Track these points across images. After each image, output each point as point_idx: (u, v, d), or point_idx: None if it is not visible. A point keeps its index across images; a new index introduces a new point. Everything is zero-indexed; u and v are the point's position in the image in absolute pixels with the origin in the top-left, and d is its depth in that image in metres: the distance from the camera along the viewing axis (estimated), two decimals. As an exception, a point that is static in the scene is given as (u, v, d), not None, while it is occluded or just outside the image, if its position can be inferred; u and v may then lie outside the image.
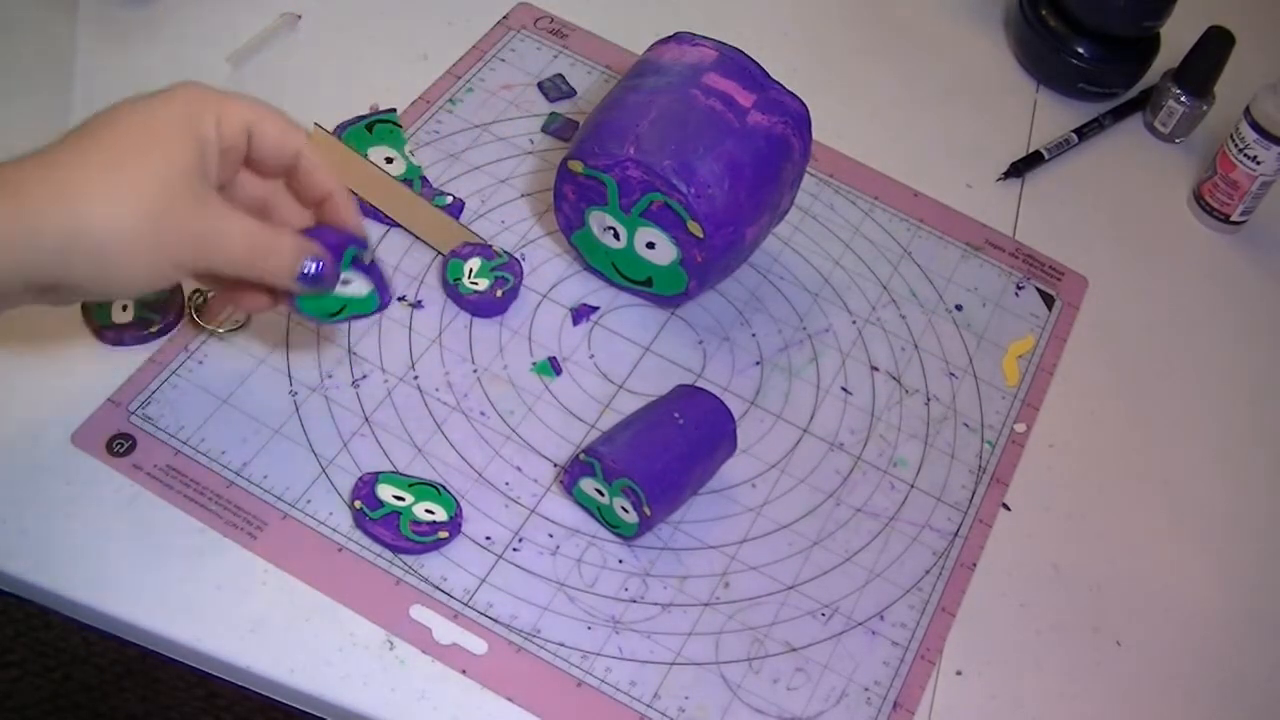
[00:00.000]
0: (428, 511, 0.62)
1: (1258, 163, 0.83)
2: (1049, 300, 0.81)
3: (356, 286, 0.61)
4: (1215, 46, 0.87)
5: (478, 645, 0.60)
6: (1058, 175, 0.88)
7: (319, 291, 0.58)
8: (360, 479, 0.63)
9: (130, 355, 0.65)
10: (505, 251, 0.72)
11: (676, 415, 0.65)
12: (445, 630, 0.60)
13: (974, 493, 0.71)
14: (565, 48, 0.85)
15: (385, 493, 0.62)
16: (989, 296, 0.79)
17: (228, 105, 0.55)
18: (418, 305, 0.70)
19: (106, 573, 0.58)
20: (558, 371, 0.70)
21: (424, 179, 0.76)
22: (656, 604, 0.63)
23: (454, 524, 0.62)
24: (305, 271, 0.56)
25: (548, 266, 0.74)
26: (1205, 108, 0.90)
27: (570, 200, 0.71)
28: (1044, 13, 0.91)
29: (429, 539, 0.61)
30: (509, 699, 0.59)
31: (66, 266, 0.50)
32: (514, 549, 0.63)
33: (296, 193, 0.60)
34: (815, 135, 0.72)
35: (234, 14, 0.81)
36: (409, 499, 0.62)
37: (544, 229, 0.76)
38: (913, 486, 0.70)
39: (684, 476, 0.64)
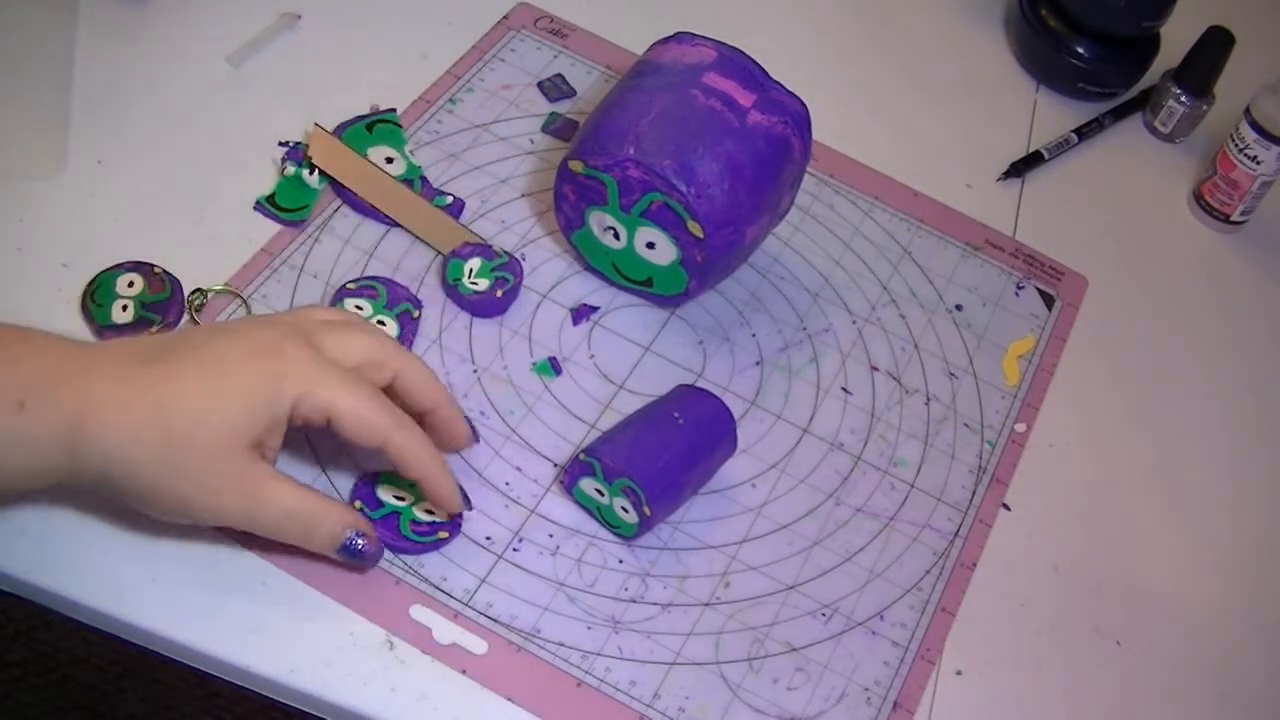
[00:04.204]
0: (427, 511, 0.62)
1: (1258, 163, 0.83)
2: (1049, 300, 0.81)
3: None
4: (1215, 46, 0.87)
5: (478, 645, 0.60)
6: (1058, 175, 0.88)
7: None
8: (360, 479, 0.63)
9: (130, 355, 0.65)
10: (505, 251, 0.72)
11: (676, 415, 0.64)
12: (445, 630, 0.60)
13: (974, 493, 0.71)
14: (565, 48, 0.85)
15: (385, 493, 0.62)
16: (989, 296, 0.79)
17: (312, 390, 0.54)
18: (418, 305, 0.70)
19: (106, 573, 0.58)
20: (558, 371, 0.70)
21: (424, 179, 0.76)
22: (656, 604, 0.63)
23: (454, 524, 0.62)
24: (347, 546, 0.57)
25: (548, 266, 0.74)
26: (1205, 107, 0.90)
27: (570, 200, 0.71)
28: (1044, 12, 0.91)
29: (429, 539, 0.61)
30: (509, 699, 0.59)
31: (105, 488, 0.53)
32: (514, 549, 0.63)
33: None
34: (815, 135, 0.72)
35: (234, 14, 0.81)
36: (409, 499, 0.62)
37: (544, 229, 0.76)
38: (913, 486, 0.70)
39: (684, 476, 0.64)
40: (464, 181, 0.77)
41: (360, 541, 0.57)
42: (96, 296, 0.66)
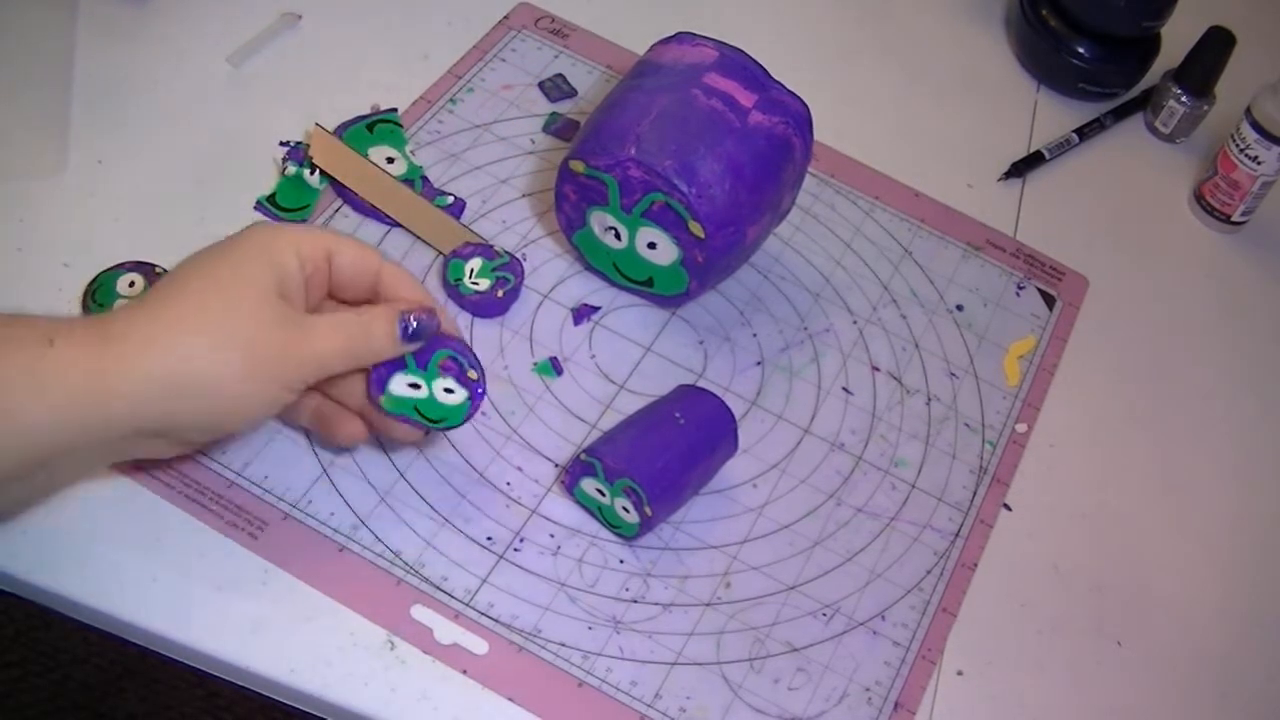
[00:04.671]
0: (447, 391, 0.60)
1: (1258, 163, 0.83)
2: (1050, 300, 0.81)
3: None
4: (1216, 46, 0.87)
5: (479, 645, 0.60)
6: (1058, 175, 0.88)
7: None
8: (373, 375, 0.60)
9: (131, 355, 0.65)
10: (506, 251, 0.72)
11: (677, 415, 0.64)
12: (446, 630, 0.60)
13: (975, 493, 0.71)
14: (566, 48, 0.85)
15: (400, 386, 0.60)
16: (990, 296, 0.79)
17: (303, 235, 0.57)
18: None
19: (106, 572, 0.58)
20: (559, 371, 0.70)
21: (425, 179, 0.76)
22: (657, 604, 0.63)
23: (475, 390, 0.61)
24: (406, 329, 0.58)
25: (548, 267, 0.74)
26: (1206, 108, 0.90)
27: (571, 200, 0.70)
28: (1044, 13, 0.91)
29: (458, 407, 0.61)
30: (510, 699, 0.59)
31: (174, 409, 0.52)
32: (515, 549, 0.63)
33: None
34: (816, 135, 0.72)
35: (234, 14, 0.81)
36: (423, 386, 0.60)
37: (545, 229, 0.76)
38: (914, 487, 0.70)
39: (685, 476, 0.64)
40: (465, 181, 0.77)
41: (413, 321, 0.58)
42: (97, 296, 0.66)
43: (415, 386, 0.60)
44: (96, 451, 0.54)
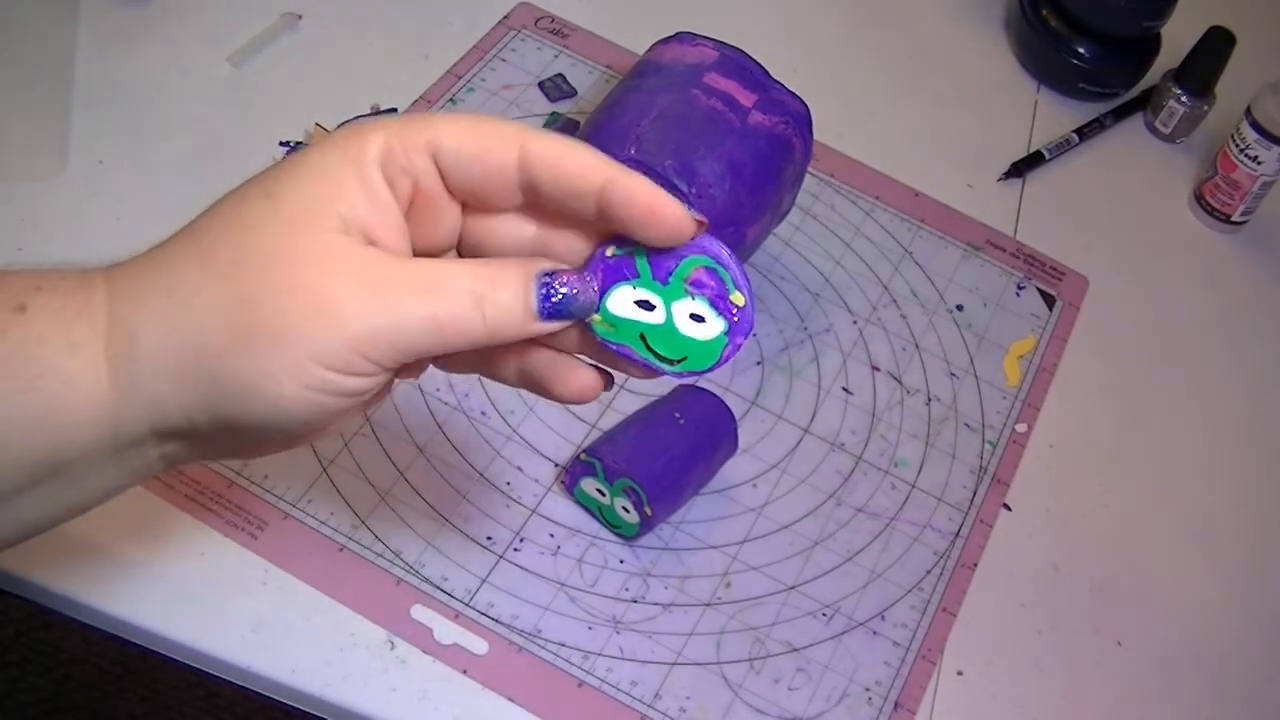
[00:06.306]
0: (694, 319, 0.41)
1: (1258, 163, 0.83)
2: (1050, 300, 0.80)
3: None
4: (1216, 46, 0.87)
5: (479, 645, 0.60)
6: (1058, 175, 0.88)
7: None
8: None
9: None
10: (506, 251, 0.72)
11: (677, 415, 0.64)
12: (446, 630, 0.60)
13: (975, 493, 0.71)
14: (566, 48, 0.85)
15: (623, 303, 0.41)
16: (990, 296, 0.79)
17: (406, 127, 0.38)
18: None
19: (106, 572, 0.58)
20: (558, 371, 0.70)
21: (425, 179, 0.75)
22: (657, 604, 0.63)
23: (737, 320, 0.41)
24: (547, 298, 0.39)
25: (548, 266, 0.74)
26: (1206, 108, 0.90)
27: (571, 200, 0.70)
28: (1044, 13, 0.91)
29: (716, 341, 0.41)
30: (510, 699, 0.59)
31: (188, 403, 0.38)
32: (515, 549, 0.63)
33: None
34: (816, 135, 0.72)
35: (234, 14, 0.81)
36: (659, 306, 0.41)
37: (545, 229, 0.76)
38: (914, 487, 0.70)
39: (685, 477, 0.64)
40: (465, 181, 0.76)
41: (560, 288, 0.39)
42: (97, 296, 0.65)
43: (646, 306, 0.41)
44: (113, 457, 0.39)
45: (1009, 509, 0.71)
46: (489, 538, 0.63)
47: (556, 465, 0.66)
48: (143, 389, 0.38)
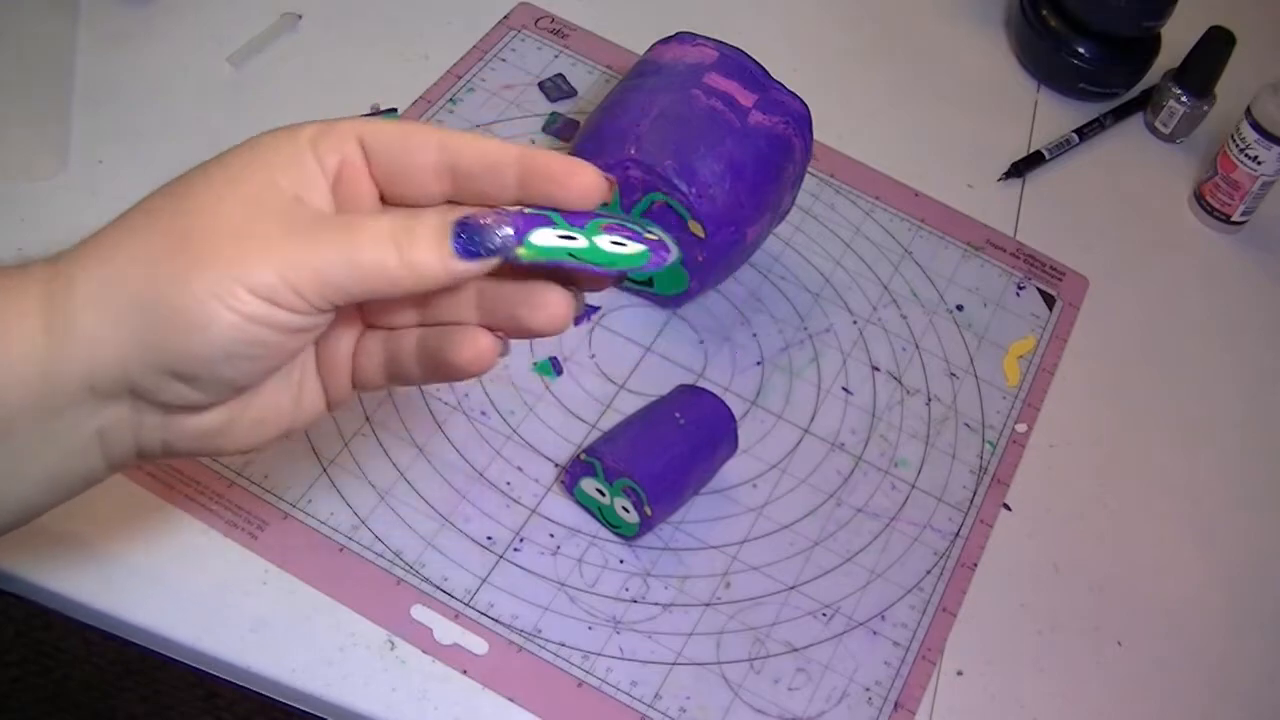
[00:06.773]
0: (616, 244, 0.43)
1: (1259, 163, 0.83)
2: (1050, 300, 0.81)
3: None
4: (1216, 46, 0.87)
5: (479, 645, 0.60)
6: (1058, 175, 0.88)
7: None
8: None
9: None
10: (506, 251, 0.72)
11: (677, 415, 0.64)
12: (446, 630, 0.60)
13: (975, 493, 0.71)
14: (566, 48, 0.85)
15: (546, 237, 0.42)
16: (990, 297, 0.79)
17: (334, 125, 0.42)
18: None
19: (107, 572, 0.58)
20: (558, 371, 0.70)
21: (424, 179, 0.75)
22: (657, 604, 0.63)
23: (657, 246, 0.43)
24: (460, 238, 0.40)
25: (548, 266, 0.74)
26: (1206, 108, 0.90)
27: (571, 200, 0.70)
28: (1044, 13, 0.91)
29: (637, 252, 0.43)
30: (510, 699, 0.59)
31: (126, 340, 0.39)
32: (515, 549, 0.63)
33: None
34: (816, 135, 0.72)
35: (234, 14, 0.81)
36: (580, 238, 0.42)
37: (545, 229, 0.76)
38: (914, 487, 0.70)
39: (685, 476, 0.64)
40: (465, 181, 0.76)
41: (478, 227, 0.40)
42: (97, 296, 0.65)
43: (568, 238, 0.43)
44: (50, 422, 0.40)
45: (1009, 509, 0.71)
46: (489, 538, 0.63)
47: (556, 465, 0.66)
48: (77, 331, 0.39)
